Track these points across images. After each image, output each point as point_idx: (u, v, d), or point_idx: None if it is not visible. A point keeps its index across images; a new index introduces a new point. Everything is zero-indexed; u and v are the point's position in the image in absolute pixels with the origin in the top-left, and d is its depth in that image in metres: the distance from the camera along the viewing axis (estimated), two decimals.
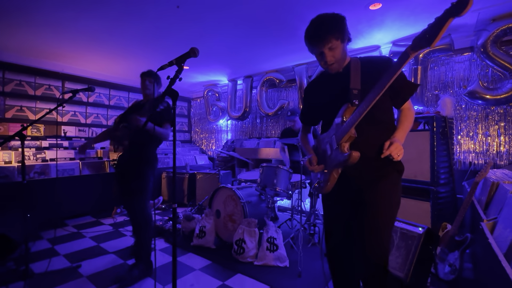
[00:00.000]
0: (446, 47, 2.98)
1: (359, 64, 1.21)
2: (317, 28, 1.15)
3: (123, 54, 3.72)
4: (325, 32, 1.12)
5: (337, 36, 1.13)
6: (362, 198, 1.18)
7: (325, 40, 1.12)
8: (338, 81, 1.23)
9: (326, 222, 1.36)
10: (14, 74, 3.89)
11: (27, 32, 3.03)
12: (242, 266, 2.26)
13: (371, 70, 1.17)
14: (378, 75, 1.00)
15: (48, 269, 2.17)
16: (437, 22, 0.82)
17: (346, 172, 1.19)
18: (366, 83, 1.13)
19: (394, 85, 1.03)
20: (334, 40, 1.13)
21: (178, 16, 2.67)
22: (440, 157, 2.53)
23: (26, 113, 3.99)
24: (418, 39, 0.90)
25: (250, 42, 3.37)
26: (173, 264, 1.21)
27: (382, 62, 1.20)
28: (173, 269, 1.21)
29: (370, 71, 1.17)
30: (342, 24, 1.15)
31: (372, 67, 1.19)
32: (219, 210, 2.81)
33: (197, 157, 5.48)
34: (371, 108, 1.03)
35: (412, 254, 1.86)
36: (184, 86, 5.73)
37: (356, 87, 1.16)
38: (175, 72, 1.26)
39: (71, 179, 3.66)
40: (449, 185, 2.64)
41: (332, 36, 1.12)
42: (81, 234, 3.07)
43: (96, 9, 2.54)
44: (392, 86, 1.01)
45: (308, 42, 1.19)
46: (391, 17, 2.70)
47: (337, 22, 1.14)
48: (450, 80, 3.23)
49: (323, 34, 1.12)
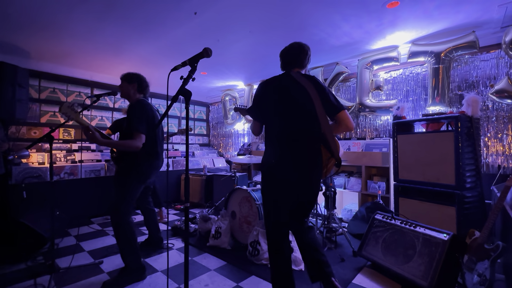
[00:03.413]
0: (470, 45, 2.78)
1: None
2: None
3: (144, 62, 3.83)
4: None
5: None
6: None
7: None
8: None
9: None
10: (49, 82, 4.14)
11: (59, 44, 3.21)
12: (257, 268, 2.20)
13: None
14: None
15: (72, 264, 2.23)
16: None
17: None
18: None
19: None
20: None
21: (195, 22, 2.70)
22: (465, 159, 2.34)
23: (58, 118, 4.21)
24: None
25: (265, 47, 3.35)
26: (185, 264, 1.18)
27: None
28: (185, 268, 1.18)
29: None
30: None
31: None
32: (234, 212, 2.77)
33: (215, 159, 5.50)
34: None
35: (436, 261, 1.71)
36: (202, 91, 5.81)
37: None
38: (188, 72, 1.24)
39: (97, 180, 3.80)
40: (476, 189, 2.43)
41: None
42: (105, 232, 3.16)
43: (119, 19, 2.63)
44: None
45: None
46: (410, 15, 2.56)
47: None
48: (475, 79, 3.01)
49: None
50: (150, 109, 2.07)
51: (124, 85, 2.12)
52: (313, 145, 1.49)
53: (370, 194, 3.46)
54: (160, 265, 2.27)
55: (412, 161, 2.70)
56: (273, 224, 1.57)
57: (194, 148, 5.97)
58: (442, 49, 2.95)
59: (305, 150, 1.48)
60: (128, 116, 2.01)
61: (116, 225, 1.93)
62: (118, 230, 1.93)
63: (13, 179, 3.09)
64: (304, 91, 1.49)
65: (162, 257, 2.44)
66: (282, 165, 1.49)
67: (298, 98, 1.49)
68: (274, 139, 1.55)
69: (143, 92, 2.19)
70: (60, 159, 3.81)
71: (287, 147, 1.49)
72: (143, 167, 2.03)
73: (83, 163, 3.82)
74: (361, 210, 3.02)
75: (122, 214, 1.93)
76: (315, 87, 1.50)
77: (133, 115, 1.97)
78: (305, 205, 1.56)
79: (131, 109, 2.01)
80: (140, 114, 1.98)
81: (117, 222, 1.92)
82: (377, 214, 2.34)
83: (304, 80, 1.52)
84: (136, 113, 1.97)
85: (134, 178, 2.00)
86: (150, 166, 2.07)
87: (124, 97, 2.15)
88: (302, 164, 1.47)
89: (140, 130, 1.93)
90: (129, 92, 2.11)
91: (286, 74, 1.62)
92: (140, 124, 1.94)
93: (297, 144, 1.48)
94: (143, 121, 1.97)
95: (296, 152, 1.48)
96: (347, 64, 3.85)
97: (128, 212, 1.98)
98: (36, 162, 3.60)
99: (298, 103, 1.50)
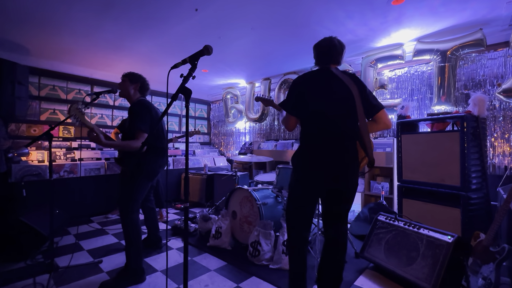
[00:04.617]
0: (477, 43, 2.75)
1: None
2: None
3: (144, 59, 3.83)
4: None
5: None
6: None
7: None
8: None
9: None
10: (49, 80, 4.15)
11: (59, 41, 3.22)
12: (257, 269, 2.20)
13: None
14: None
15: (71, 263, 2.24)
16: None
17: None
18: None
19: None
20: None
21: (196, 19, 2.69)
22: (471, 160, 2.32)
23: (58, 116, 4.23)
24: None
25: (267, 44, 3.33)
26: (184, 264, 1.18)
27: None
28: (184, 268, 1.18)
29: None
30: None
31: None
32: (235, 211, 2.77)
33: (216, 158, 5.51)
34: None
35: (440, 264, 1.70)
36: (203, 89, 5.81)
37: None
38: (189, 70, 1.24)
39: (97, 178, 3.82)
40: (481, 190, 2.41)
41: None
42: (104, 231, 3.17)
43: (119, 16, 2.63)
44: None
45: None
46: (415, 12, 2.53)
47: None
48: (482, 78, 2.98)
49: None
50: (153, 108, 2.09)
51: (125, 84, 2.11)
52: (352, 143, 1.50)
53: (373, 195, 3.44)
54: (160, 265, 2.28)
55: (417, 161, 2.68)
56: (302, 223, 1.57)
57: (194, 146, 5.98)
58: (448, 47, 2.92)
59: (345, 147, 1.48)
60: (130, 116, 2.01)
61: (124, 222, 1.96)
62: (125, 228, 1.97)
63: (12, 177, 3.11)
64: (346, 88, 1.48)
65: (162, 257, 2.44)
66: (322, 161, 1.47)
67: (341, 96, 1.48)
68: (314, 136, 1.52)
69: (143, 94, 2.19)
70: (60, 157, 3.83)
71: (327, 144, 1.48)
72: (151, 165, 2.05)
73: (83, 161, 3.84)
74: (364, 211, 3.01)
75: (130, 213, 1.97)
76: (356, 85, 1.50)
77: (135, 115, 1.96)
78: (344, 202, 1.54)
79: (133, 109, 2.01)
80: (143, 113, 1.98)
81: (124, 220, 1.96)
82: (380, 215, 2.33)
83: (345, 77, 1.51)
84: (138, 112, 1.97)
85: (142, 176, 2.02)
86: (156, 164, 2.09)
87: (123, 96, 2.15)
88: (342, 161, 1.47)
89: (143, 129, 1.93)
90: (129, 92, 2.11)
91: (326, 69, 1.57)
92: (143, 123, 1.94)
93: (338, 141, 1.47)
94: (146, 120, 1.96)
95: (336, 149, 1.47)
96: (351, 62, 3.83)
97: (136, 210, 2.01)
98: (35, 160, 3.62)
99: (340, 101, 1.48)
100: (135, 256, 1.98)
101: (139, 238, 2.00)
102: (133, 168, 2.01)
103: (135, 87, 2.12)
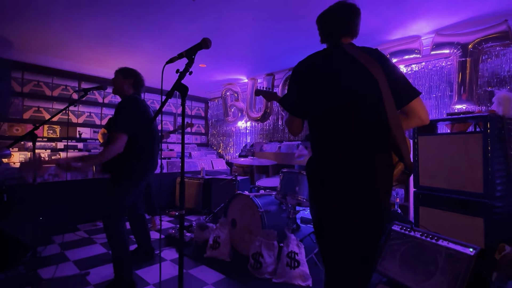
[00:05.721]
0: (501, 35, 2.75)
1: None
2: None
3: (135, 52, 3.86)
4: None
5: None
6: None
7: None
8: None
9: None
10: (33, 75, 4.19)
11: (45, 32, 3.25)
12: (259, 283, 2.20)
13: None
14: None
15: (56, 275, 2.25)
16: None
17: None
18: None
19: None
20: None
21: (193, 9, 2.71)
22: (495, 165, 2.31)
23: (43, 114, 4.27)
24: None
25: (271, 35, 3.35)
26: (179, 277, 1.18)
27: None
28: (179, 282, 1.19)
29: None
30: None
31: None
32: (235, 220, 2.77)
33: (214, 161, 5.52)
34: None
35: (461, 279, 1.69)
36: (201, 86, 5.83)
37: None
38: (185, 65, 1.24)
39: (84, 182, 3.84)
40: (507, 198, 2.40)
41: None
42: (92, 240, 3.18)
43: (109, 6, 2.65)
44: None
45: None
46: (433, 2, 2.54)
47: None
48: (507, 74, 2.97)
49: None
50: (140, 105, 2.06)
51: (118, 80, 2.12)
52: (381, 153, 1.14)
53: None
54: (152, 278, 2.28)
55: (435, 165, 2.67)
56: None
57: (191, 148, 6.00)
58: (470, 40, 2.92)
59: (368, 160, 1.13)
60: (114, 114, 2.03)
61: (108, 232, 1.95)
62: (110, 237, 1.95)
63: None
64: (366, 72, 1.12)
65: (154, 269, 2.45)
66: (336, 182, 1.17)
67: (358, 85, 1.15)
68: (324, 143, 1.23)
69: (138, 90, 2.19)
70: (44, 159, 3.85)
71: (342, 156, 1.16)
72: (135, 169, 2.04)
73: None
74: None
75: (114, 220, 1.96)
76: (380, 64, 1.13)
77: (117, 112, 1.96)
78: (367, 239, 1.16)
79: (117, 106, 2.01)
80: (125, 111, 1.95)
81: (109, 229, 1.95)
82: (394, 225, 2.32)
83: (363, 56, 1.15)
84: (120, 110, 1.94)
85: (127, 180, 2.02)
86: (142, 167, 2.08)
87: (116, 92, 2.16)
88: (365, 183, 1.13)
89: (122, 129, 1.87)
90: (122, 88, 2.12)
91: (334, 47, 1.24)
92: (122, 122, 1.90)
93: (357, 152, 1.14)
94: (126, 119, 1.92)
95: (355, 164, 1.13)
96: None
97: (121, 217, 2.00)
98: (18, 162, 3.65)
99: (358, 93, 1.15)
100: (123, 268, 1.98)
101: (126, 248, 2.00)
102: (118, 171, 2.01)
103: (128, 83, 2.13)
